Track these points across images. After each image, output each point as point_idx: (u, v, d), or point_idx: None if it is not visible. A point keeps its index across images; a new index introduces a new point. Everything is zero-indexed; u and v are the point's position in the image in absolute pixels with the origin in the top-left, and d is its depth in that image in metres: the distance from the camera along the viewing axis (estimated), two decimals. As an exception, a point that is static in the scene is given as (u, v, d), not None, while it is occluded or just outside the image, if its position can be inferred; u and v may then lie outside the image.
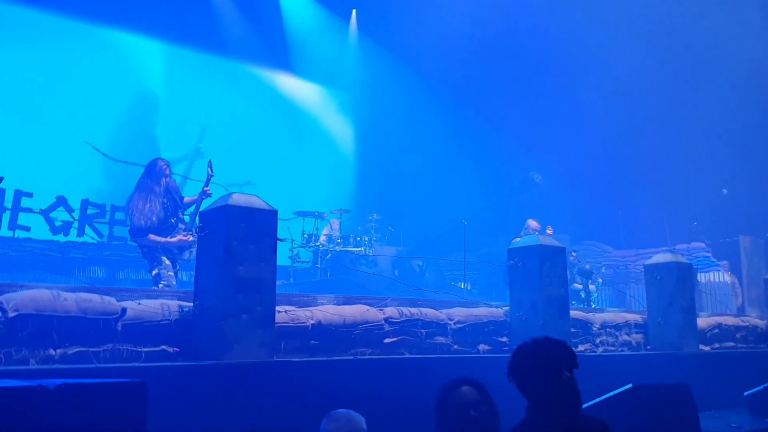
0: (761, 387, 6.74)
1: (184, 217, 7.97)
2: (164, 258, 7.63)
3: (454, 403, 3.38)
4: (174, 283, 7.69)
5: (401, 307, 6.58)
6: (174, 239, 7.71)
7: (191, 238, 7.75)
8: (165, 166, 7.96)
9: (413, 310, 6.62)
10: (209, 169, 8.11)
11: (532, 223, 12.28)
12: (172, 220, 7.82)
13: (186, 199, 8.04)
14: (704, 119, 15.79)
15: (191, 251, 7.77)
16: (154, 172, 7.86)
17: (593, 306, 12.56)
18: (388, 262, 14.89)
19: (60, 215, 12.43)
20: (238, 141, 16.62)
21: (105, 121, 15.11)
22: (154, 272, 7.67)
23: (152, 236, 7.60)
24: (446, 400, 3.41)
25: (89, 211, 12.82)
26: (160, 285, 7.49)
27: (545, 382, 3.01)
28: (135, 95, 16.04)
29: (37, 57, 14.30)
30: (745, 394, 6.88)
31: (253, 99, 17.70)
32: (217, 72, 17.17)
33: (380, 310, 6.39)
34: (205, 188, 7.94)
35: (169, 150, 15.35)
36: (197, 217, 7.73)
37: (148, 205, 7.67)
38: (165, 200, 7.81)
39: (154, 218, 7.63)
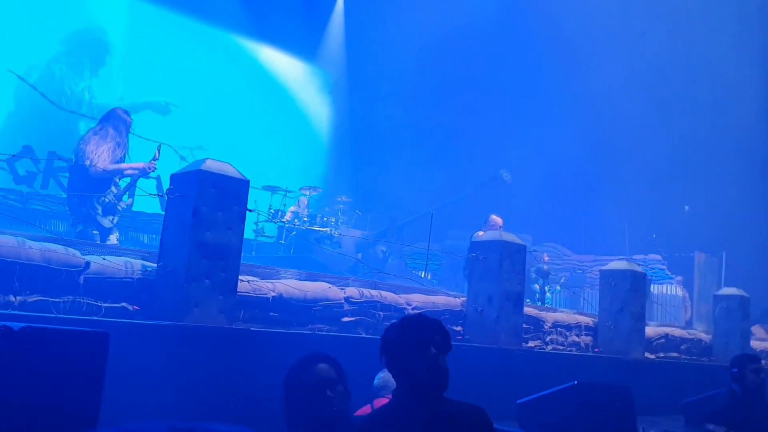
0: (698, 397, 6.97)
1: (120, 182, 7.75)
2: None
3: (311, 380, 3.21)
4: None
5: (362, 288, 6.69)
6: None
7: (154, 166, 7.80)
8: (128, 119, 7.78)
9: (373, 292, 6.73)
10: (157, 153, 7.96)
11: (496, 219, 12.44)
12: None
13: (124, 165, 7.75)
14: (672, 136, 16.10)
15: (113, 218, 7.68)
16: (119, 122, 7.66)
17: (547, 305, 12.79)
18: (353, 245, 14.98)
19: (25, 165, 12.28)
20: (207, 106, 16.46)
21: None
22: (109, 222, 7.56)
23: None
24: (301, 376, 3.23)
25: (56, 164, 12.68)
26: (114, 237, 7.48)
27: (411, 358, 2.89)
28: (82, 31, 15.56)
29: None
30: (682, 403, 7.12)
31: (229, 65, 17.52)
32: (192, 32, 16.89)
33: (341, 289, 6.50)
34: (148, 164, 7.80)
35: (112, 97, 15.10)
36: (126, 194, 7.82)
37: (117, 153, 7.55)
38: (122, 153, 7.66)
39: (109, 165, 7.43)
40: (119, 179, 7.74)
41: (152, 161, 7.84)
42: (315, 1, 18.27)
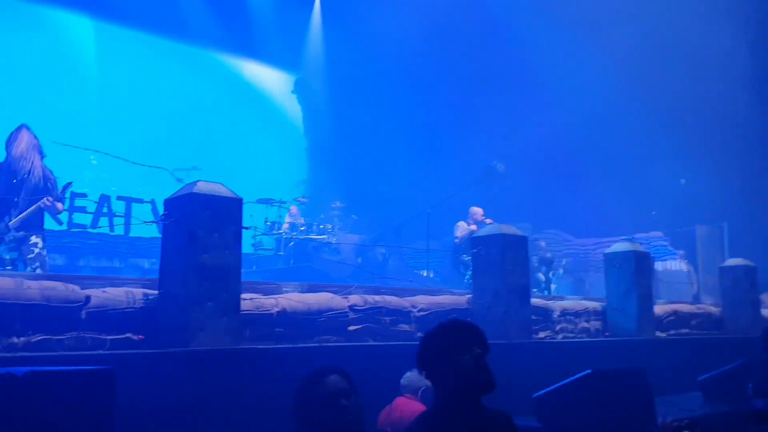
0: (714, 372, 6.94)
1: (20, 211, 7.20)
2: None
3: (324, 391, 3.22)
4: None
5: (365, 295, 6.64)
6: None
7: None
8: (25, 136, 7.34)
9: (377, 297, 6.68)
10: (63, 190, 7.60)
11: (476, 210, 12.55)
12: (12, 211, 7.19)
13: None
14: (662, 109, 16.07)
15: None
16: (8, 144, 7.29)
17: (553, 293, 12.77)
18: (352, 250, 14.95)
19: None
20: (195, 126, 16.44)
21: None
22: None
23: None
24: (314, 388, 3.24)
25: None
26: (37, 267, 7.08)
27: (456, 362, 2.87)
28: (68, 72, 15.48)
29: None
30: (699, 379, 7.08)
31: (210, 83, 17.50)
32: (172, 53, 16.89)
33: (344, 297, 6.45)
34: (47, 198, 7.21)
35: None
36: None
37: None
38: (11, 177, 7.18)
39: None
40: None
41: (48, 197, 7.21)
42: (291, 12, 18.22)
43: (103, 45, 15.95)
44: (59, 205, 7.43)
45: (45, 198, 7.20)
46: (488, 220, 12.52)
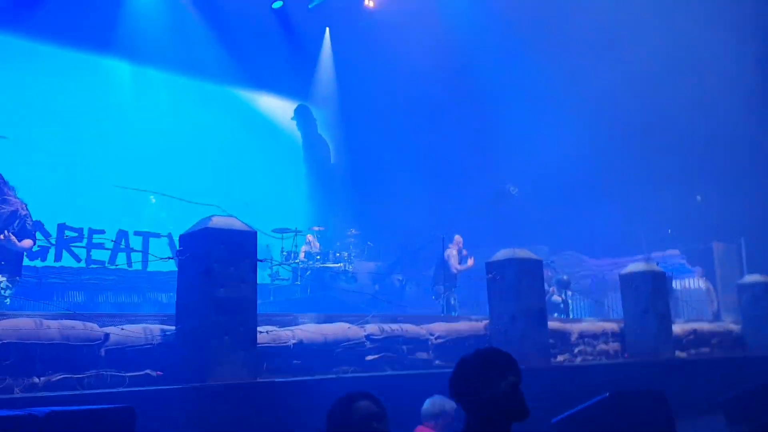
0: (736, 392, 6.86)
1: None
2: None
3: (357, 415, 3.25)
4: None
5: (382, 324, 6.65)
6: None
7: None
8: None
9: (394, 326, 6.69)
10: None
11: (458, 239, 13.51)
12: None
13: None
14: (676, 126, 16.04)
15: None
16: None
17: (571, 316, 12.70)
18: (368, 278, 14.97)
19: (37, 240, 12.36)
20: (212, 161, 16.61)
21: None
22: None
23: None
24: (347, 412, 3.28)
25: (66, 235, 12.80)
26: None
27: (492, 389, 2.92)
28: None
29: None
30: (720, 400, 7.00)
31: (223, 117, 17.64)
32: (187, 90, 17.06)
33: (361, 327, 6.46)
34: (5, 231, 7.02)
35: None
36: None
37: None
38: None
39: None
40: None
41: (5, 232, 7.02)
42: (303, 44, 18.40)
43: (138, 86, 16.24)
44: (26, 243, 7.18)
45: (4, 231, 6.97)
46: (464, 251, 12.88)
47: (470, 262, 13.07)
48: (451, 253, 13.02)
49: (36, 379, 4.61)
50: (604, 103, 16.38)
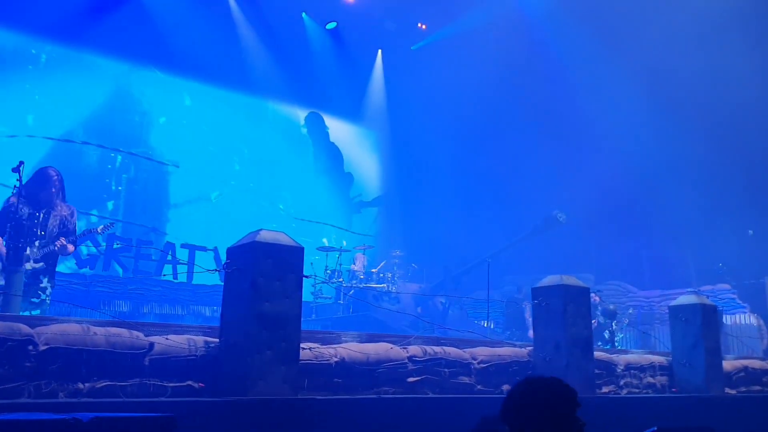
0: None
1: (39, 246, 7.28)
2: None
3: None
4: None
5: (425, 346, 6.58)
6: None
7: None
8: (52, 174, 7.47)
9: (437, 349, 6.61)
10: (100, 229, 7.96)
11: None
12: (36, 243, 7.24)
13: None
14: (728, 158, 15.76)
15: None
16: (34, 178, 7.40)
17: (617, 347, 12.45)
18: (411, 299, 14.90)
19: (86, 249, 12.61)
20: (262, 178, 16.84)
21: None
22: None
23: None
24: None
25: (115, 246, 12.99)
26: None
27: (547, 418, 2.90)
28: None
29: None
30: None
31: (273, 135, 17.88)
32: (241, 109, 17.36)
33: (404, 348, 6.40)
34: (62, 238, 7.33)
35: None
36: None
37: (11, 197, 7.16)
38: (29, 210, 7.25)
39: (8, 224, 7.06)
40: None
41: (72, 237, 7.45)
42: (355, 64, 18.53)
43: (196, 101, 16.61)
44: (70, 248, 7.50)
45: (61, 238, 7.34)
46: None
47: None
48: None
49: (81, 385, 4.65)
50: (655, 131, 16.17)
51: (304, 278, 5.49)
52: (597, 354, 7.68)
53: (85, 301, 11.25)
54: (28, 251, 7.23)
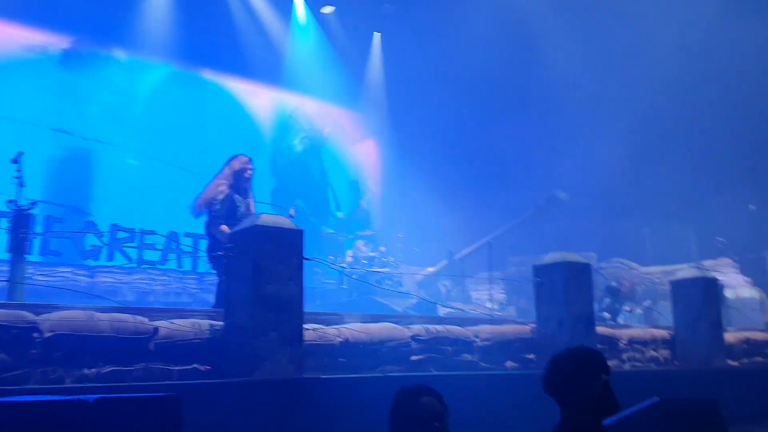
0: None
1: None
2: None
3: (420, 411, 3.36)
4: None
5: (427, 325, 6.63)
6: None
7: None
8: (247, 161, 7.57)
9: (439, 327, 6.66)
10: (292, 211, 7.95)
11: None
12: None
13: None
14: (729, 134, 15.73)
15: None
16: (233, 164, 7.50)
17: (620, 323, 12.47)
18: (414, 282, 14.94)
19: (89, 240, 12.62)
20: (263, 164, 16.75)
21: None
22: None
23: (225, 227, 6.92)
24: (411, 407, 3.38)
25: (119, 236, 13.02)
26: None
27: (587, 385, 3.06)
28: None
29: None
30: (776, 409, 6.83)
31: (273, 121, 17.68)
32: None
33: (407, 327, 6.45)
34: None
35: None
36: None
37: (213, 184, 7.28)
38: (233, 187, 7.31)
39: (206, 200, 7.13)
40: None
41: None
42: (350, 50, 18.40)
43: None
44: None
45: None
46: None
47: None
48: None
49: (87, 371, 4.69)
50: (655, 109, 16.13)
51: (305, 260, 5.52)
52: (600, 329, 7.73)
53: (88, 292, 11.28)
54: None
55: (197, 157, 14.88)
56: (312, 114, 18.50)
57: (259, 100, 17.63)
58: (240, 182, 7.44)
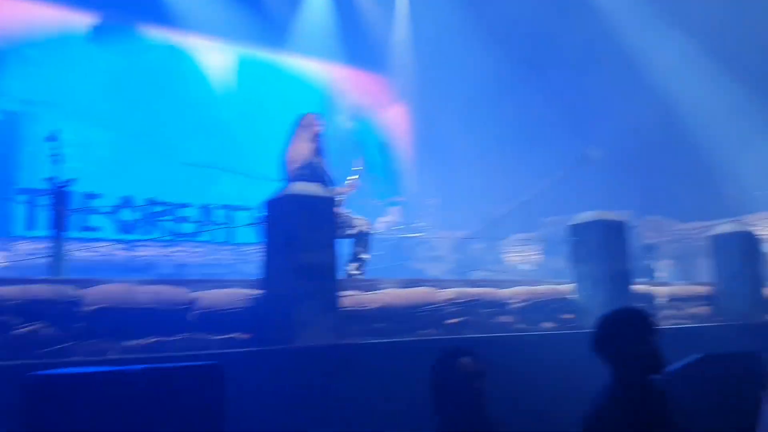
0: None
1: None
2: None
3: (459, 372, 3.54)
4: None
5: (462, 288, 6.63)
6: None
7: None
8: (314, 118, 7.59)
9: (474, 290, 6.66)
10: (358, 165, 7.92)
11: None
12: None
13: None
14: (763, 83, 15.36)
15: None
16: (304, 123, 7.52)
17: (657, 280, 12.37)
18: (448, 247, 14.93)
19: (126, 215, 12.77)
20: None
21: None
22: None
23: None
24: (450, 367, 3.55)
25: (155, 210, 13.16)
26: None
27: (635, 345, 3.28)
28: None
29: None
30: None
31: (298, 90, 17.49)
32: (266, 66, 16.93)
33: (442, 291, 6.46)
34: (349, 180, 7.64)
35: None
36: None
37: (295, 147, 7.30)
38: (316, 148, 7.35)
39: (297, 165, 7.14)
40: None
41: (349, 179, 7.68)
42: (376, 13, 18.20)
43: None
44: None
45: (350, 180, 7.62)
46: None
47: None
48: None
49: (129, 342, 4.78)
50: (691, 63, 15.80)
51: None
52: (638, 287, 7.67)
53: (128, 266, 11.47)
54: None
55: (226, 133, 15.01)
56: (340, 81, 18.33)
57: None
58: (315, 142, 7.47)
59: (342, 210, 7.33)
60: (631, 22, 16.06)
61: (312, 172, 7.12)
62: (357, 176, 7.74)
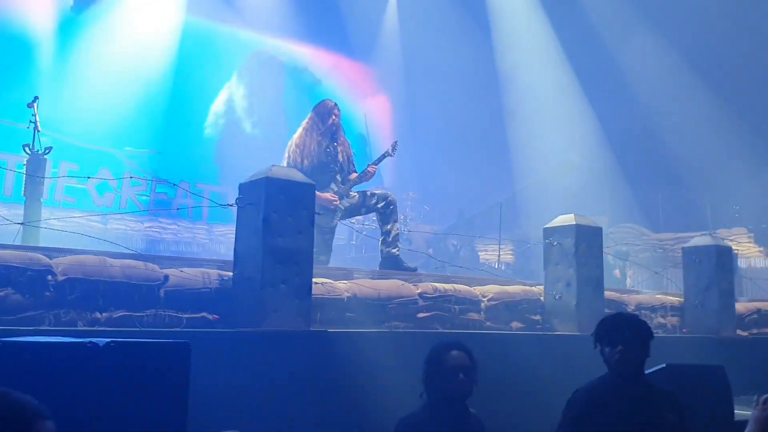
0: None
1: (342, 181, 7.53)
2: None
3: (449, 364, 3.82)
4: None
5: (435, 283, 6.64)
6: (321, 195, 6.95)
7: (337, 202, 7.37)
8: (333, 106, 7.60)
9: (447, 286, 6.68)
10: (391, 150, 8.01)
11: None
12: (337, 177, 7.39)
13: (353, 176, 7.67)
14: (743, 99, 15.53)
15: (335, 218, 7.41)
16: (320, 111, 7.51)
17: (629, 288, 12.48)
18: (423, 241, 14.95)
19: (104, 187, 12.67)
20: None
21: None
22: None
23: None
24: (440, 360, 3.85)
25: (132, 184, 13.05)
26: None
27: (606, 349, 3.87)
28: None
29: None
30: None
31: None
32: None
33: (414, 285, 6.47)
34: (371, 165, 7.79)
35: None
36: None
37: (302, 141, 7.28)
38: (326, 144, 7.40)
39: (306, 161, 7.21)
40: (340, 177, 7.58)
41: (372, 164, 7.87)
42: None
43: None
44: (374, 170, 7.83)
45: (369, 166, 7.79)
46: None
47: None
48: None
49: (98, 315, 4.74)
50: (674, 72, 15.93)
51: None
52: (608, 294, 7.72)
53: (100, 238, 11.32)
54: (334, 187, 7.42)
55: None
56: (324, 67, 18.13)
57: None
58: (330, 129, 7.49)
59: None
60: (613, 29, 16.16)
61: (317, 163, 7.23)
62: (375, 164, 7.77)
